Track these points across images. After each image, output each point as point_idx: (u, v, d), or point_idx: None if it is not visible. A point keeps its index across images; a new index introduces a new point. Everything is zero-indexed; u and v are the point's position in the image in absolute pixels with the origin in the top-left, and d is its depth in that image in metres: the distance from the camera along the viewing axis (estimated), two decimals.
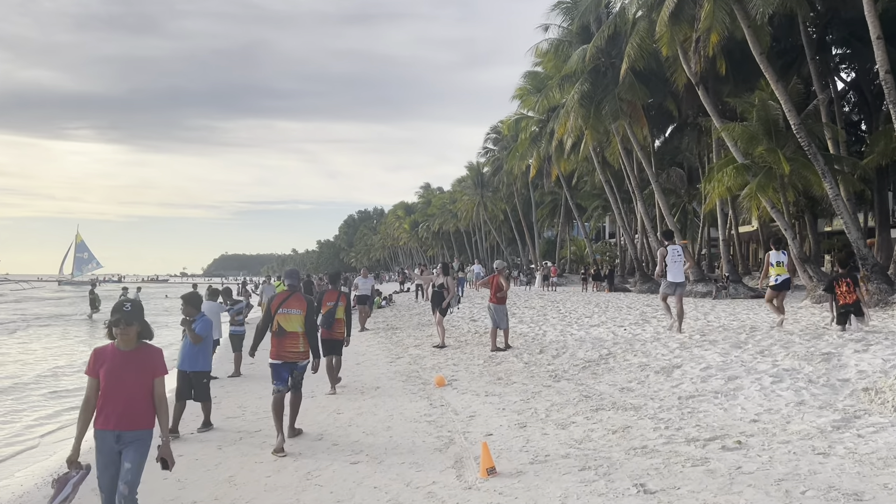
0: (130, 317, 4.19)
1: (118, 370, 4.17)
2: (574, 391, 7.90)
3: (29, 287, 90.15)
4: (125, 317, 4.17)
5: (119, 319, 4.17)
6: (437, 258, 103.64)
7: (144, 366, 4.24)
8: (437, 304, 13.66)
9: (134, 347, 4.24)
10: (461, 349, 12.79)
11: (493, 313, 11.95)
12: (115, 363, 4.19)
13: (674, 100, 31.07)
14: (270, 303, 7.09)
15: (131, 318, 4.19)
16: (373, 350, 14.42)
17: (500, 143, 59.05)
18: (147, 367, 4.25)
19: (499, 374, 9.54)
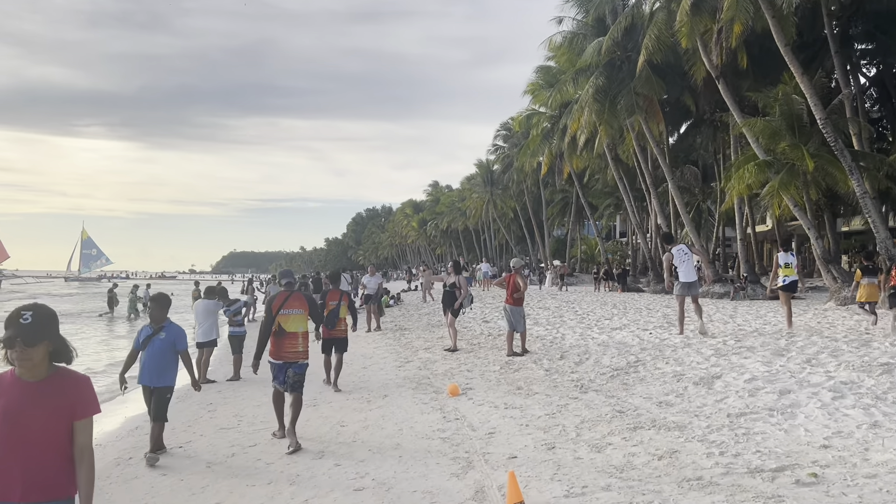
0: (32, 332, 2.71)
1: (18, 410, 2.73)
2: (605, 405, 7.07)
3: (33, 282, 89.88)
4: (24, 333, 2.70)
5: (13, 337, 2.70)
6: (445, 256, 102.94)
7: (59, 403, 2.78)
8: (448, 304, 12.89)
9: (43, 377, 2.79)
10: (474, 353, 11.98)
11: (510, 315, 11.14)
12: (12, 399, 2.73)
13: (691, 94, 30.17)
14: (271, 304, 7.01)
15: (34, 335, 2.72)
16: (380, 352, 13.63)
17: (511, 139, 58.16)
18: (62, 406, 2.78)
19: (518, 383, 8.72)
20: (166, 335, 6.49)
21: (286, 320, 6.86)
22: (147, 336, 6.53)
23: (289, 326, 6.86)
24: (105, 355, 16.78)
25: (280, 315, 6.86)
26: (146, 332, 6.57)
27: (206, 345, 11.67)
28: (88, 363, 14.94)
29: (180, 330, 6.62)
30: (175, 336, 6.53)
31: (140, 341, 6.57)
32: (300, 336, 6.90)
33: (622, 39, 29.50)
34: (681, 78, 29.72)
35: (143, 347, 6.52)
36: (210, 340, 11.63)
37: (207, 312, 11.60)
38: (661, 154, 31.63)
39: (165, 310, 6.62)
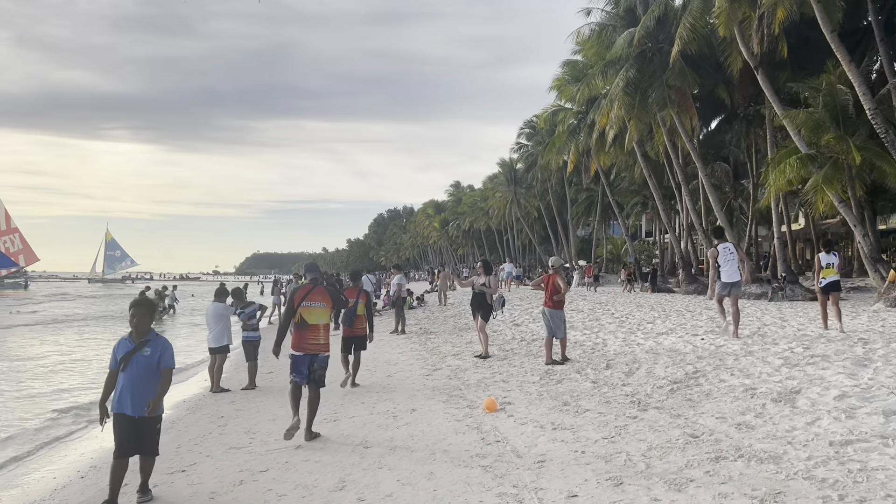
0: None
1: None
2: (672, 426, 6.07)
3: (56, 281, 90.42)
4: None
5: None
6: (467, 257, 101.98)
7: None
8: (478, 307, 11.92)
9: None
10: (508, 360, 11.00)
11: (549, 320, 10.14)
12: None
13: (726, 87, 28.86)
14: (293, 295, 7.12)
15: None
16: (405, 358, 12.71)
17: (535, 137, 57.02)
18: None
19: (563, 397, 7.72)
20: (151, 351, 5.17)
21: (308, 312, 6.96)
22: (127, 352, 5.15)
23: (311, 318, 6.95)
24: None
25: (302, 307, 6.96)
26: (125, 347, 5.18)
27: (217, 351, 10.84)
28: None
29: (167, 344, 5.33)
30: (161, 351, 5.22)
31: (118, 359, 5.17)
32: (322, 328, 6.99)
33: (654, 30, 28.34)
34: (715, 70, 28.51)
35: (122, 367, 5.13)
36: (221, 346, 10.79)
37: (217, 316, 10.76)
38: (694, 149, 30.37)
39: (150, 318, 5.33)
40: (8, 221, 79.95)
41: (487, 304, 11.82)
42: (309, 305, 6.98)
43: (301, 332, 6.98)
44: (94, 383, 12.68)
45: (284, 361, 7.64)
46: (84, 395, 11.71)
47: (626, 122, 31.55)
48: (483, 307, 11.85)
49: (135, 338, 5.22)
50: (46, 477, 6.97)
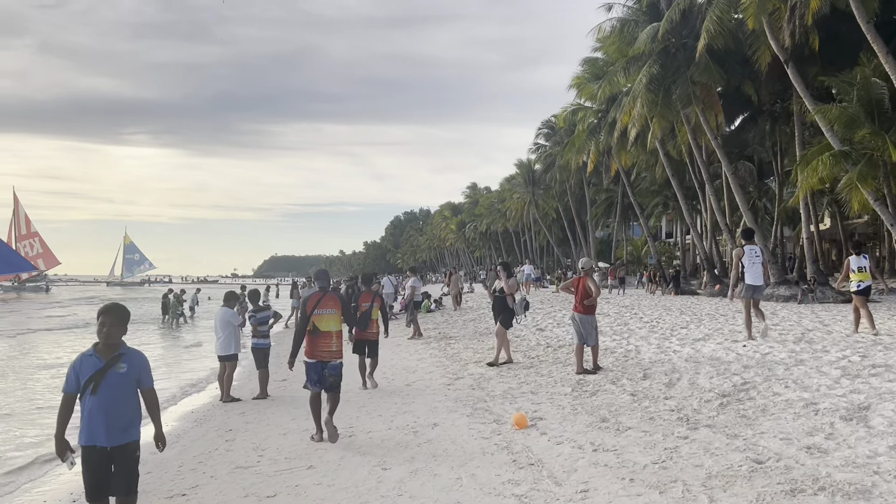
0: None
1: None
2: (730, 448, 5.36)
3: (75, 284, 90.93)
4: None
5: None
6: (484, 259, 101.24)
7: None
8: (499, 312, 11.22)
9: None
10: (535, 369, 10.31)
11: (579, 326, 9.44)
12: None
13: (752, 83, 27.96)
14: (305, 304, 7.13)
15: None
16: (424, 365, 12.06)
17: (553, 138, 56.24)
18: None
19: (600, 412, 7.03)
20: (128, 367, 4.17)
21: (320, 320, 6.99)
22: (97, 370, 4.08)
23: (322, 326, 6.98)
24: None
25: (314, 315, 6.99)
26: (92, 365, 4.10)
27: (225, 359, 10.27)
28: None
29: (143, 359, 4.33)
30: (139, 368, 4.25)
31: (81, 381, 4.09)
32: (334, 335, 7.02)
33: (678, 24, 27.54)
34: (741, 65, 27.65)
35: (88, 389, 4.05)
36: (228, 355, 10.21)
37: (224, 323, 10.18)
38: (719, 147, 29.48)
39: (123, 329, 4.28)
40: (28, 226, 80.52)
41: (509, 309, 11.14)
42: (321, 313, 7.01)
43: (314, 339, 7.00)
44: None
45: (297, 369, 7.39)
46: None
47: (649, 119, 30.78)
48: (504, 311, 11.16)
49: (103, 353, 4.15)
50: (36, 499, 6.41)
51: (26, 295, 69.51)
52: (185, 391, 12.28)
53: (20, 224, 79.95)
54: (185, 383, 13.07)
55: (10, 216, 75.42)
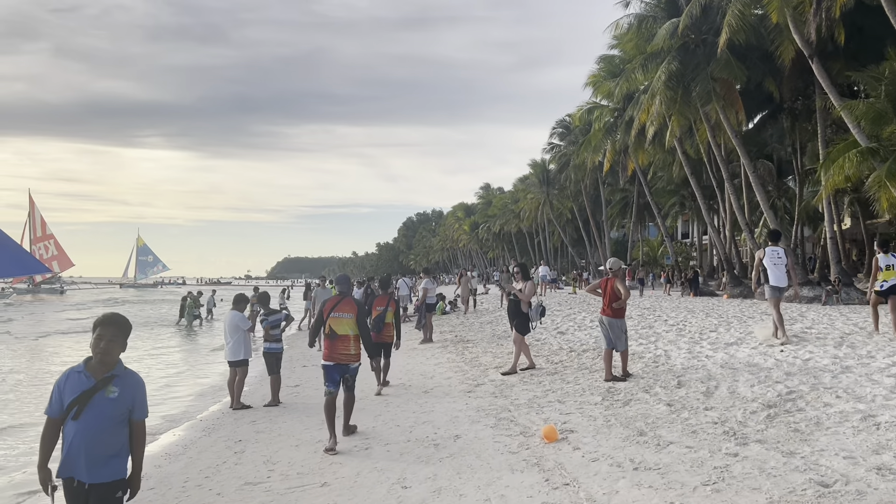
0: None
1: None
2: (789, 468, 4.84)
3: (89, 287, 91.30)
4: None
5: None
6: (497, 260, 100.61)
7: None
8: (514, 317, 10.67)
9: None
10: (560, 375, 9.81)
11: (608, 330, 8.93)
12: None
13: (774, 79, 27.28)
14: (323, 306, 7.24)
15: None
16: (442, 371, 11.59)
17: (568, 137, 55.59)
18: None
19: (636, 424, 6.53)
20: (120, 391, 3.50)
21: (337, 323, 7.05)
22: (83, 391, 3.43)
23: (339, 329, 7.03)
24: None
25: (331, 318, 7.06)
26: (79, 384, 3.46)
27: (235, 364, 9.86)
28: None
29: (140, 384, 3.63)
30: (134, 394, 3.56)
31: (64, 402, 3.47)
32: (351, 339, 7.05)
33: (698, 20, 26.92)
34: (762, 61, 27.01)
35: (74, 413, 3.42)
36: (238, 360, 9.80)
37: (233, 327, 9.77)
38: (740, 145, 28.84)
39: (123, 344, 3.60)
40: (44, 228, 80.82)
41: (523, 314, 10.56)
42: (338, 316, 7.06)
43: (332, 342, 7.05)
44: None
45: (310, 374, 6.96)
46: None
47: (667, 117, 30.18)
48: (518, 316, 10.56)
49: (95, 371, 3.51)
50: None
51: (42, 296, 69.74)
52: (198, 397, 11.88)
53: (35, 227, 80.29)
54: (200, 389, 12.69)
55: (26, 218, 75.52)
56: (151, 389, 12.25)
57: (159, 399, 11.46)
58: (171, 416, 10.38)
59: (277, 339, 10.14)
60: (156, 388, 12.49)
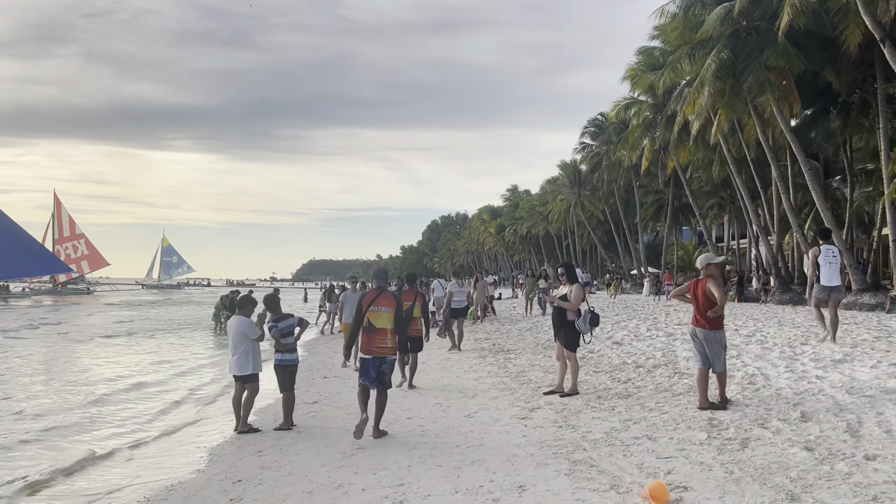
0: None
1: None
2: None
3: (112, 290, 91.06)
4: None
5: None
6: (523, 263, 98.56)
7: None
8: (559, 328, 8.67)
9: None
10: (635, 399, 8.01)
11: (703, 345, 7.08)
12: None
13: (833, 68, 25.19)
14: (361, 301, 7.29)
15: None
16: (484, 387, 9.86)
17: (600, 136, 53.59)
18: None
19: (776, 480, 4.71)
20: None
21: (376, 317, 7.12)
22: None
23: (378, 323, 7.11)
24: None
25: (370, 311, 7.13)
26: None
27: (242, 379, 8.24)
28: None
29: None
30: None
31: None
32: (388, 332, 7.13)
33: (749, 5, 24.95)
34: (820, 49, 24.91)
35: None
36: (246, 375, 8.17)
37: (240, 336, 8.14)
38: (794, 140, 26.76)
39: None
40: (73, 228, 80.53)
41: (570, 324, 8.56)
42: (376, 310, 7.12)
43: (369, 335, 7.13)
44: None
45: (331, 387, 5.48)
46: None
47: (711, 113, 28.21)
48: (564, 326, 8.57)
49: None
50: None
51: (67, 297, 69.16)
52: (195, 414, 10.25)
53: (62, 226, 79.99)
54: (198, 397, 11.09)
55: (49, 218, 75.25)
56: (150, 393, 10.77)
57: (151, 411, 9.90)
58: (168, 428, 8.85)
59: (291, 348, 8.47)
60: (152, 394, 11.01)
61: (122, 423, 9.54)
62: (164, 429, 9.14)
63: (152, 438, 8.59)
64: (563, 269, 8.87)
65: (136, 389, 12.39)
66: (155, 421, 9.71)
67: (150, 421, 9.70)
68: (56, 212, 78.05)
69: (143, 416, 10.06)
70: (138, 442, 8.40)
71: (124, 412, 10.36)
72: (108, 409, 10.56)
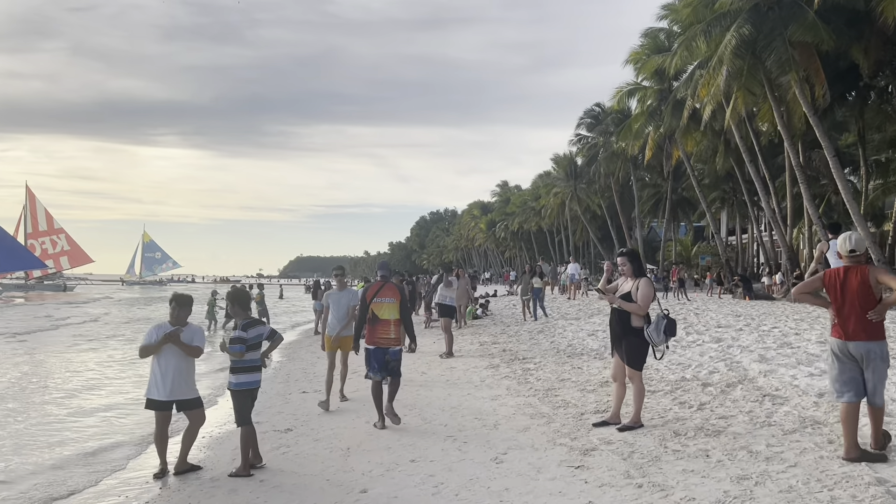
0: None
1: None
2: None
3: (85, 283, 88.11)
4: None
5: None
6: (514, 260, 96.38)
7: None
8: (622, 337, 6.38)
9: None
10: (729, 436, 5.78)
11: (855, 367, 4.77)
12: None
13: (862, 47, 23.18)
14: (366, 293, 7.38)
15: None
16: (507, 410, 7.63)
17: (597, 127, 51.48)
18: None
19: None
20: None
21: (380, 308, 7.20)
22: None
23: (382, 314, 7.20)
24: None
25: (374, 303, 7.21)
26: None
27: (184, 406, 6.04)
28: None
29: None
30: None
31: None
32: (392, 323, 7.21)
33: None
34: (848, 25, 22.86)
35: None
36: (193, 399, 5.99)
37: (176, 358, 5.93)
38: (818, 124, 24.72)
39: None
40: (50, 222, 77.71)
41: (635, 333, 6.28)
42: (380, 301, 7.21)
43: (373, 326, 7.20)
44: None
45: (310, 407, 7.63)
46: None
47: (723, 98, 26.15)
48: (628, 336, 6.30)
49: None
50: None
51: (45, 294, 66.12)
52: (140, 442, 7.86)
53: (37, 220, 77.05)
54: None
55: (20, 212, 72.30)
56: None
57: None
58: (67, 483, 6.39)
59: (254, 366, 6.16)
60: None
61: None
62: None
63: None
64: (624, 256, 6.57)
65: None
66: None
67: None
68: (29, 205, 75.11)
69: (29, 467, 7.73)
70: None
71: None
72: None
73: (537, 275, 20.86)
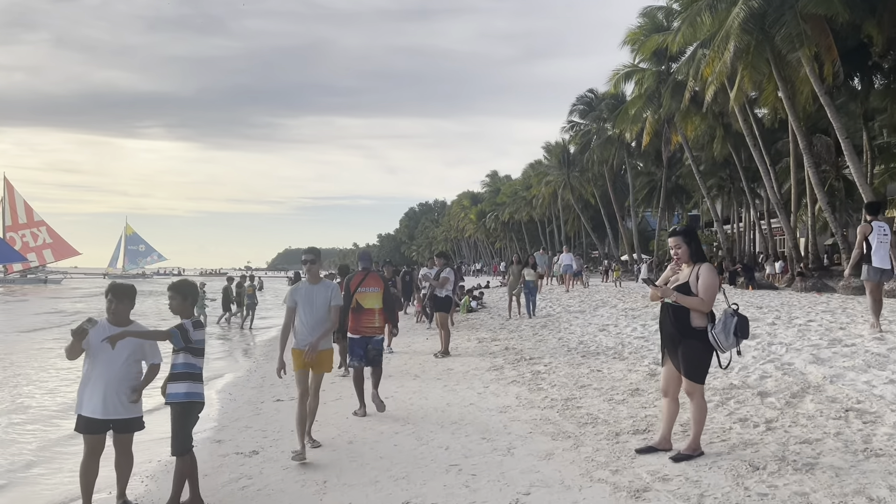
0: None
1: None
2: None
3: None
4: None
5: None
6: (504, 251, 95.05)
7: None
8: (678, 341, 4.88)
9: None
10: (827, 470, 4.38)
11: None
12: None
13: (877, 21, 21.93)
14: (349, 282, 7.40)
15: None
16: (523, 430, 6.24)
17: (591, 114, 50.14)
18: None
19: None
20: None
21: (364, 297, 7.26)
22: None
23: (366, 303, 7.24)
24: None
25: (358, 293, 7.25)
26: None
27: (124, 427, 4.64)
28: None
29: None
30: None
31: None
32: (376, 312, 7.27)
33: None
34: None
35: None
36: (135, 419, 4.62)
37: (137, 350, 4.55)
38: (829, 104, 23.46)
39: None
40: (30, 215, 75.79)
41: (695, 335, 4.84)
42: (364, 291, 7.26)
43: (357, 315, 7.23)
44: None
45: (283, 420, 6.85)
46: None
47: (727, 78, 24.86)
48: (686, 339, 4.86)
49: None
50: None
51: (25, 288, 64.04)
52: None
53: (16, 213, 75.08)
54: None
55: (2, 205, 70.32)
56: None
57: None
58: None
59: (193, 374, 4.70)
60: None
61: None
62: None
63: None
64: (678, 236, 5.01)
65: None
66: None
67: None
68: (8, 198, 73.10)
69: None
70: None
71: None
72: None
73: (529, 266, 17.75)
